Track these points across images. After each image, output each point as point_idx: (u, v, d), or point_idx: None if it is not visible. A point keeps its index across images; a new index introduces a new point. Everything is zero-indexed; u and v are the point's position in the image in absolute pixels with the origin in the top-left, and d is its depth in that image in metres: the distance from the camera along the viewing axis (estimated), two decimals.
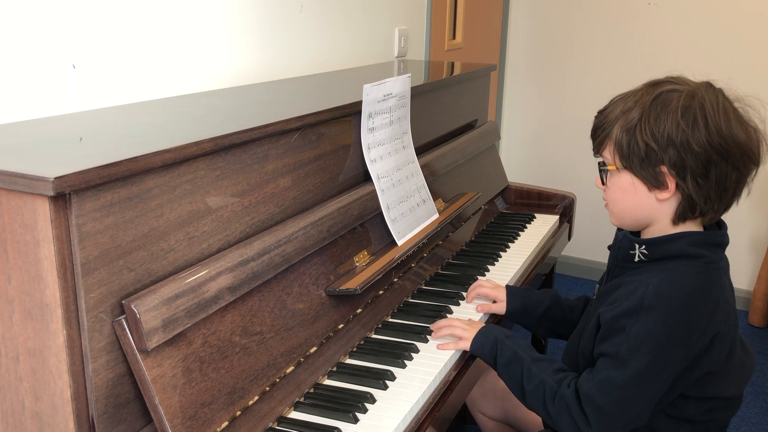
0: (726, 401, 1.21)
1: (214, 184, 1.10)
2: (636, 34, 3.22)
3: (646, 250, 1.19)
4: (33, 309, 0.89)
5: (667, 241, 1.17)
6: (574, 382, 1.17)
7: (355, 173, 1.51)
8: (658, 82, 1.18)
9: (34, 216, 0.85)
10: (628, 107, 1.16)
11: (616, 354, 1.12)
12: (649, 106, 1.13)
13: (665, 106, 1.12)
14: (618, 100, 1.19)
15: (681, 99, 1.12)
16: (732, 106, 1.14)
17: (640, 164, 1.15)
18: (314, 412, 1.14)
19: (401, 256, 1.50)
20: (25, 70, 1.26)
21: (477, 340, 1.32)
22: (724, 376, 1.17)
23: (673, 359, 1.10)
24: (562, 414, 1.16)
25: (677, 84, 1.15)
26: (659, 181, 1.14)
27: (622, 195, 1.20)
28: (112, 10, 1.40)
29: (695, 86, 1.15)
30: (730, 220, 1.25)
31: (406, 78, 1.60)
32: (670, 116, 1.11)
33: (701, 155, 1.10)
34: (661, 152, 1.12)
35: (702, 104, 1.11)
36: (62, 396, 0.90)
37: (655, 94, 1.14)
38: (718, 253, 1.18)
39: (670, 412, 1.18)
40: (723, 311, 1.14)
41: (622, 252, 1.23)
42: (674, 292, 1.11)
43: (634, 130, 1.14)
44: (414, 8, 2.62)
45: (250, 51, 1.80)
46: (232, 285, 1.08)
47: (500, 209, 2.27)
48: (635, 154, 1.14)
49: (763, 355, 2.87)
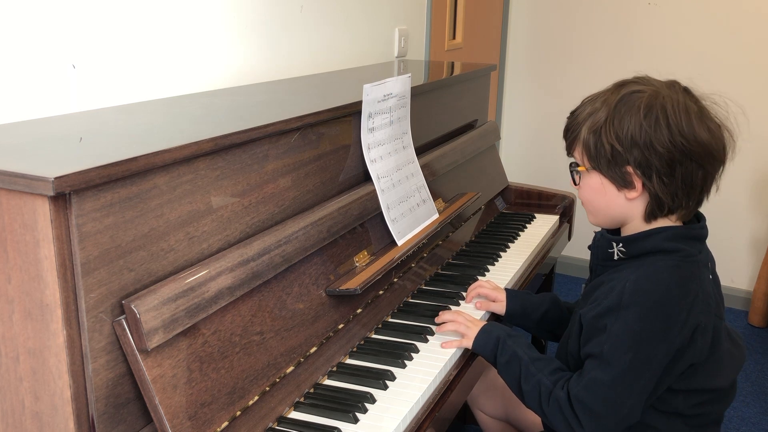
0: (715, 393, 1.21)
1: (214, 184, 1.10)
2: (636, 34, 3.22)
3: (623, 247, 1.20)
4: (33, 309, 0.89)
5: (643, 237, 1.18)
6: (566, 384, 1.18)
7: (355, 173, 1.51)
8: (625, 83, 1.19)
9: (34, 216, 0.85)
10: (596, 108, 1.18)
11: (600, 354, 1.14)
12: (614, 108, 1.15)
13: (629, 108, 1.14)
14: (587, 101, 1.21)
15: (644, 99, 1.13)
16: (696, 105, 1.15)
17: (607, 165, 1.17)
18: (314, 412, 1.14)
19: (401, 256, 1.50)
20: (25, 70, 1.26)
21: (479, 338, 1.32)
22: (710, 368, 1.18)
23: (656, 354, 1.11)
24: (556, 415, 1.17)
25: (641, 84, 1.17)
26: (626, 181, 1.16)
27: (594, 195, 1.22)
28: (112, 10, 1.40)
29: (659, 86, 1.16)
30: (730, 219, 1.25)
31: (406, 78, 1.60)
32: (634, 117, 1.13)
33: (665, 155, 1.12)
34: (626, 153, 1.14)
35: (663, 105, 1.12)
36: (62, 396, 0.90)
37: (620, 96, 1.16)
38: (696, 246, 1.19)
39: (659, 407, 1.19)
40: (703, 303, 1.14)
41: (601, 251, 1.25)
42: (652, 287, 1.12)
43: (600, 131, 1.16)
44: (414, 8, 2.62)
45: (250, 51, 1.80)
46: (232, 285, 1.08)
47: (500, 209, 2.27)
48: (602, 155, 1.16)
49: (763, 355, 2.87)
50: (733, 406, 2.48)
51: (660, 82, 1.18)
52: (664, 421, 1.20)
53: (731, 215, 3.12)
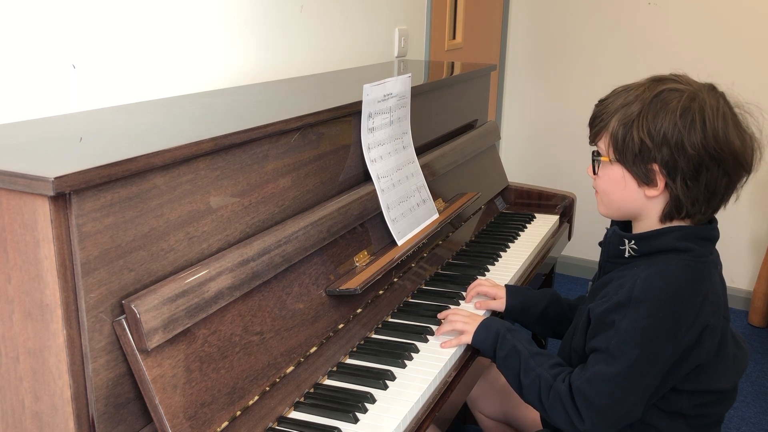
0: (718, 395, 1.21)
1: (214, 184, 1.10)
2: (636, 34, 3.22)
3: (635, 245, 1.20)
4: (33, 309, 0.89)
5: (656, 235, 1.17)
6: (568, 377, 1.17)
7: (355, 173, 1.51)
8: (662, 79, 1.18)
9: (34, 216, 0.85)
10: (629, 101, 1.16)
11: (606, 349, 1.13)
12: (649, 103, 1.13)
13: (665, 105, 1.12)
14: (620, 92, 1.20)
15: (682, 99, 1.12)
16: (731, 111, 1.14)
17: (633, 159, 1.15)
18: (314, 412, 1.14)
19: (401, 256, 1.50)
20: (25, 70, 1.26)
21: (479, 333, 1.32)
22: (715, 369, 1.18)
23: (662, 352, 1.11)
24: (557, 408, 1.17)
25: (680, 83, 1.15)
26: (649, 178, 1.15)
27: (612, 187, 1.21)
28: (112, 10, 1.40)
29: (697, 87, 1.15)
30: (730, 219, 1.25)
31: (406, 78, 1.60)
32: (669, 115, 1.11)
33: (694, 158, 1.11)
34: (655, 150, 1.12)
35: (702, 107, 1.11)
36: (62, 396, 0.90)
37: (657, 92, 1.14)
38: (708, 247, 1.18)
39: (662, 406, 1.19)
40: (712, 304, 1.14)
41: (612, 248, 1.24)
42: (662, 285, 1.12)
43: (632, 124, 1.14)
44: (414, 8, 2.62)
45: (250, 51, 1.80)
46: (232, 285, 1.08)
47: (500, 209, 2.27)
48: (629, 148, 1.15)
49: (763, 354, 2.87)
50: (734, 406, 2.48)
51: (699, 83, 1.16)
52: (666, 421, 1.19)
53: (731, 215, 3.10)
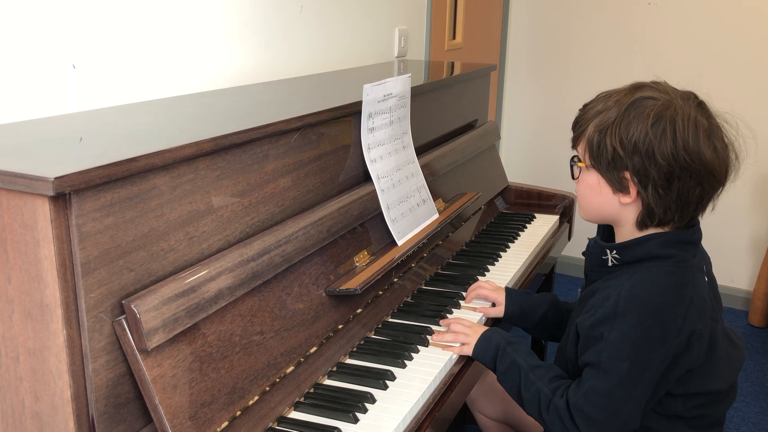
0: (714, 396, 1.21)
1: (214, 184, 1.10)
2: (636, 34, 3.22)
3: (617, 254, 1.20)
4: (33, 309, 0.89)
5: (637, 244, 1.18)
6: (566, 393, 1.18)
7: (355, 173, 1.51)
8: (640, 86, 1.18)
9: (34, 216, 0.85)
10: (607, 107, 1.16)
11: (598, 363, 1.14)
12: (624, 110, 1.14)
13: (639, 113, 1.12)
14: (601, 97, 1.20)
15: (655, 108, 1.12)
16: (707, 121, 1.13)
17: (606, 166, 1.16)
18: (314, 412, 1.14)
19: (401, 256, 1.50)
20: (25, 70, 1.26)
21: (479, 345, 1.32)
22: (707, 371, 1.18)
23: (652, 361, 1.11)
24: (556, 423, 1.17)
25: (657, 91, 1.15)
26: (622, 185, 1.16)
27: (589, 192, 1.21)
28: (112, 10, 1.40)
29: (673, 96, 1.14)
30: (730, 219, 1.25)
31: (406, 78, 1.60)
32: (641, 124, 1.11)
33: (664, 167, 1.11)
34: (627, 158, 1.13)
35: (673, 116, 1.11)
36: (62, 396, 0.90)
37: (633, 99, 1.14)
38: (690, 251, 1.18)
39: (660, 410, 1.19)
40: (698, 309, 1.14)
41: (595, 258, 1.25)
42: (647, 294, 1.12)
43: (606, 131, 1.15)
44: (414, 8, 2.62)
45: (250, 51, 1.80)
46: (232, 285, 1.08)
47: (500, 209, 2.27)
48: (603, 155, 1.16)
49: (763, 354, 2.87)
50: (734, 406, 2.48)
51: (676, 92, 1.16)
52: (665, 424, 1.20)
53: (731, 215, 3.12)
